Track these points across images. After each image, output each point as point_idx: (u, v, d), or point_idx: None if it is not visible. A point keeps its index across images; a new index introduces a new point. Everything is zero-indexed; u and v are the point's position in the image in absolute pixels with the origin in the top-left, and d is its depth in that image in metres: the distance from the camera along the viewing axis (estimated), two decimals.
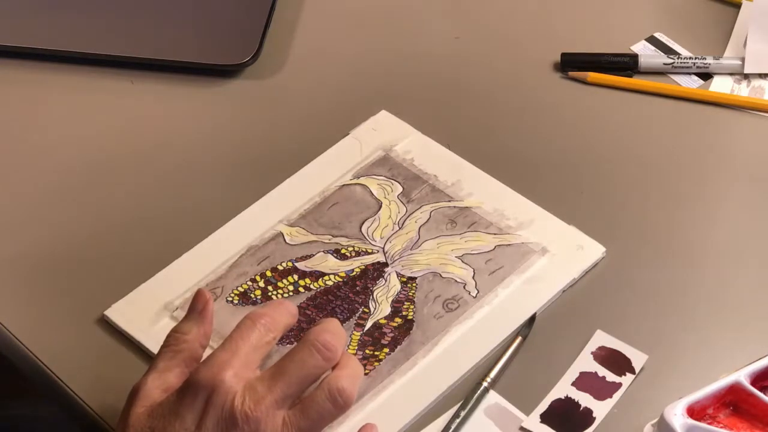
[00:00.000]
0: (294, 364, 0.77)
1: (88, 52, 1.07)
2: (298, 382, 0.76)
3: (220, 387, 0.75)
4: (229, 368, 0.75)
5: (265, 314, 0.79)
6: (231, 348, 0.77)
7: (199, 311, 0.81)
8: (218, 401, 0.75)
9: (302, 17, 1.13)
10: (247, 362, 0.76)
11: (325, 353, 0.77)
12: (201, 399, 0.75)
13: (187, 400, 0.75)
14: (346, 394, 0.77)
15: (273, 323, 0.79)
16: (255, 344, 0.78)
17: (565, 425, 0.84)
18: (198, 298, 0.81)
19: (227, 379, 0.75)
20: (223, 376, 0.75)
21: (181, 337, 0.79)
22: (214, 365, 0.76)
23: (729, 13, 1.12)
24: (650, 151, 1.02)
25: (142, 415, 0.76)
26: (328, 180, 0.99)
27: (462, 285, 0.92)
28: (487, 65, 1.09)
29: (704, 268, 0.94)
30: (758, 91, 1.06)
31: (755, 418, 0.83)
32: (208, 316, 0.81)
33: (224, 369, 0.75)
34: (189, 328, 0.80)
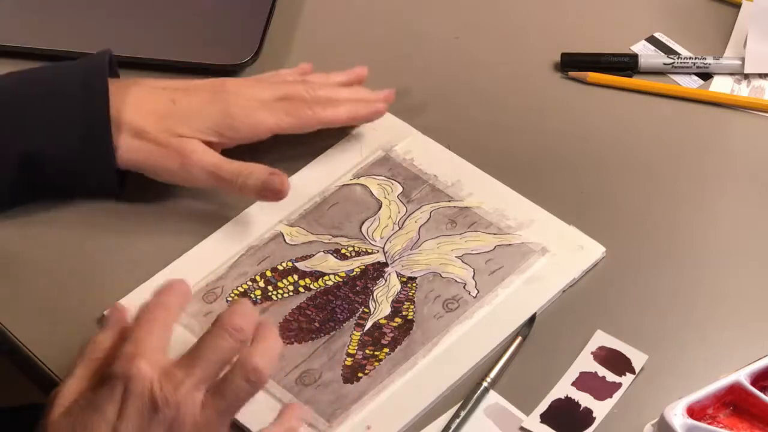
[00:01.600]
0: (208, 349, 0.78)
1: (88, 52, 1.07)
2: (213, 364, 0.78)
3: (137, 375, 0.76)
4: (141, 357, 0.77)
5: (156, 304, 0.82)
6: (135, 339, 0.79)
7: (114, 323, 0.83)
8: (136, 389, 0.76)
9: (302, 17, 1.13)
10: (155, 349, 0.78)
11: (236, 335, 0.79)
12: (118, 389, 0.76)
13: (105, 392, 0.76)
14: (258, 371, 0.78)
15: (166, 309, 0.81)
16: (157, 332, 0.79)
17: (565, 425, 0.84)
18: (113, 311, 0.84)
19: (142, 366, 0.77)
20: (137, 364, 0.77)
21: (96, 346, 0.81)
22: (124, 357, 0.77)
23: (729, 13, 1.12)
24: (650, 151, 1.02)
25: (60, 416, 0.77)
26: (328, 180, 0.99)
27: (462, 285, 0.92)
28: (487, 65, 1.09)
29: (704, 268, 0.94)
30: (758, 91, 1.06)
31: (755, 418, 0.83)
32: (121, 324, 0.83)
33: (136, 358, 0.77)
34: (105, 337, 0.82)
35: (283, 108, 0.96)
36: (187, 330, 0.89)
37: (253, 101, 0.96)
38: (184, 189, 0.99)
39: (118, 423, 0.76)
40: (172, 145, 0.93)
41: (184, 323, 0.90)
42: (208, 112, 0.95)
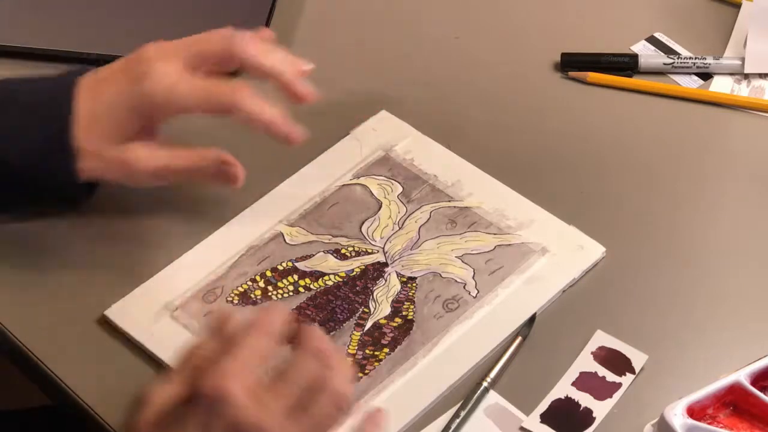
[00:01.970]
0: (295, 373, 0.77)
1: (88, 52, 1.07)
2: (300, 389, 0.77)
3: (226, 397, 0.75)
4: (234, 377, 0.76)
5: (270, 322, 0.80)
6: (235, 355, 0.77)
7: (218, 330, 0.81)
8: (223, 411, 0.75)
9: (302, 17, 1.13)
10: (251, 370, 0.77)
11: (323, 360, 0.77)
12: (206, 409, 0.75)
13: (192, 410, 0.75)
14: (347, 398, 0.77)
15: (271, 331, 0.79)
16: (260, 352, 0.78)
17: (565, 425, 0.84)
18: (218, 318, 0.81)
19: (232, 388, 0.75)
20: (227, 386, 0.75)
21: (195, 352, 0.80)
22: (218, 374, 0.76)
23: (729, 13, 1.12)
24: (650, 151, 1.02)
25: (150, 423, 0.76)
26: (328, 180, 0.99)
27: (462, 285, 0.92)
28: (487, 65, 1.09)
29: (704, 268, 0.94)
30: (758, 91, 1.06)
31: (755, 418, 0.83)
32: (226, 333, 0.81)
33: (229, 378, 0.75)
34: (205, 345, 0.80)
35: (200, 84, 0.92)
36: (187, 330, 0.89)
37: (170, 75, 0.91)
38: (184, 189, 0.99)
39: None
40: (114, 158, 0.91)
41: (185, 323, 0.90)
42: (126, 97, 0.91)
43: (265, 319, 0.79)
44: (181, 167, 0.92)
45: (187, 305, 0.91)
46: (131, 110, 0.91)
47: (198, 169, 0.93)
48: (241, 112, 0.91)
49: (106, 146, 0.91)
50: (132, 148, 0.92)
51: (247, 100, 0.91)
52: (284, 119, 0.92)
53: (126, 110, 0.91)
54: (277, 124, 0.92)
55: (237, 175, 0.92)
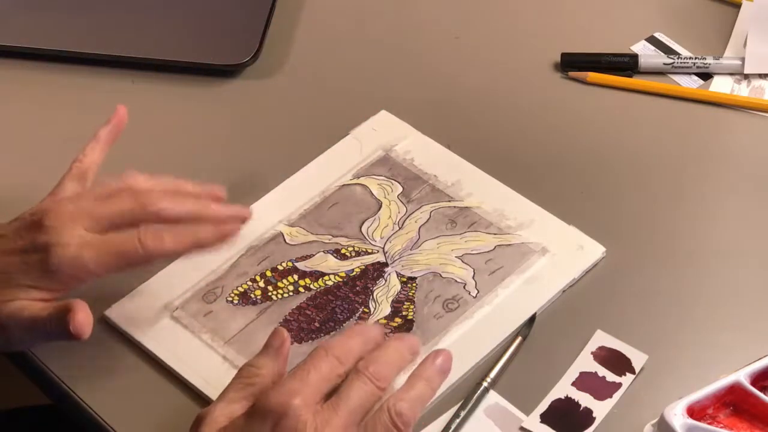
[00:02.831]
0: (353, 392, 0.77)
1: (88, 52, 1.07)
2: (359, 408, 0.77)
3: (289, 413, 0.75)
4: (299, 395, 0.76)
5: (338, 345, 0.80)
6: (301, 376, 0.77)
7: (276, 348, 0.81)
8: (288, 426, 0.75)
9: (302, 17, 1.13)
10: (316, 392, 0.77)
11: (376, 382, 0.78)
12: (269, 423, 0.75)
13: (256, 423, 0.75)
14: (403, 417, 0.78)
15: (346, 355, 0.80)
16: (326, 375, 0.78)
17: (565, 425, 0.84)
18: (276, 335, 0.82)
19: (296, 405, 0.75)
20: (292, 403, 0.75)
21: (254, 371, 0.79)
22: (283, 392, 0.76)
23: (729, 13, 1.12)
24: (650, 151, 1.02)
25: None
26: (328, 180, 0.99)
27: (462, 285, 0.92)
28: (487, 65, 1.09)
29: (704, 268, 0.94)
30: (758, 91, 1.06)
31: (755, 418, 0.83)
32: (284, 355, 0.81)
33: (294, 396, 0.75)
34: (264, 363, 0.80)
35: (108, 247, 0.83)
36: (187, 330, 0.89)
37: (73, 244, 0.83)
38: None
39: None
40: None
41: (184, 323, 0.90)
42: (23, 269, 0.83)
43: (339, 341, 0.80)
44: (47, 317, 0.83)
45: (187, 305, 0.91)
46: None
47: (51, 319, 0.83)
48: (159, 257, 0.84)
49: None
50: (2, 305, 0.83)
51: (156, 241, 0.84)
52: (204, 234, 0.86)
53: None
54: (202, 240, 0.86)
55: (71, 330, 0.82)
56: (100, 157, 0.91)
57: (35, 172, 1.01)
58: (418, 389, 0.80)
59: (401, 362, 0.81)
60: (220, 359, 0.88)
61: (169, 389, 0.87)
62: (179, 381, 0.87)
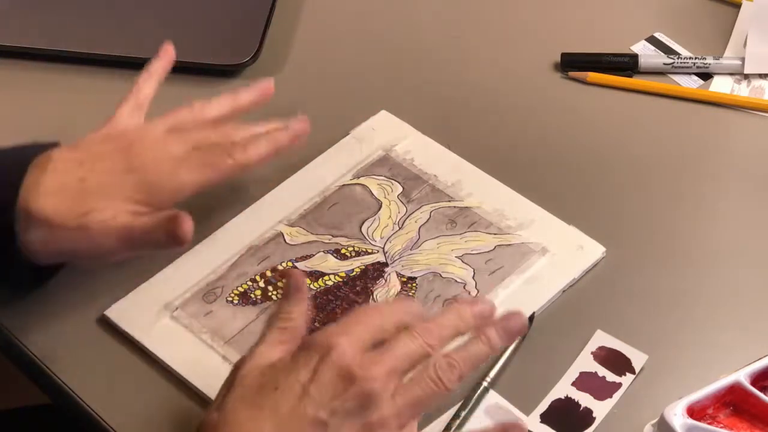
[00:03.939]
0: (400, 344, 0.78)
1: (88, 52, 1.07)
2: (405, 357, 0.77)
3: (337, 347, 0.76)
4: (345, 335, 0.77)
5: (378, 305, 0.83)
6: (345, 322, 0.78)
7: (297, 290, 0.82)
8: (335, 359, 0.76)
9: (302, 17, 1.13)
10: (360, 337, 0.78)
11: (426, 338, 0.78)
12: (316, 356, 0.76)
13: (302, 358, 0.76)
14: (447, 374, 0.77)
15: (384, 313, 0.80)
16: (367, 326, 0.78)
17: (565, 425, 0.84)
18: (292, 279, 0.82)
19: (343, 342, 0.76)
20: (339, 339, 0.76)
21: (285, 316, 0.81)
22: (330, 331, 0.77)
23: (729, 13, 1.12)
24: (650, 151, 1.02)
25: (251, 373, 0.77)
26: (328, 180, 0.99)
27: (462, 285, 0.92)
28: (486, 65, 1.09)
29: (704, 268, 0.94)
30: (758, 91, 1.06)
31: (755, 418, 0.83)
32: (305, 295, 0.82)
33: (340, 335, 0.77)
34: (291, 308, 0.81)
35: (201, 161, 0.89)
36: (187, 330, 0.89)
37: (168, 162, 0.88)
38: None
39: (310, 384, 0.75)
40: (79, 226, 0.85)
41: (184, 323, 0.90)
42: (121, 185, 0.87)
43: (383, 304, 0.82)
44: (146, 226, 0.85)
45: (187, 305, 0.91)
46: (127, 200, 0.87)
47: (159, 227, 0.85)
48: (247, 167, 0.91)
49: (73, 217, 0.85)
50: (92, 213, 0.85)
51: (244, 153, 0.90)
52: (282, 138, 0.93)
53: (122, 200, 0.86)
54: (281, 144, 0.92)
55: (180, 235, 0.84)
56: (153, 90, 0.94)
57: None
58: (473, 349, 0.79)
59: (460, 325, 0.80)
60: (220, 359, 0.88)
61: (169, 389, 0.87)
62: (179, 381, 0.87)
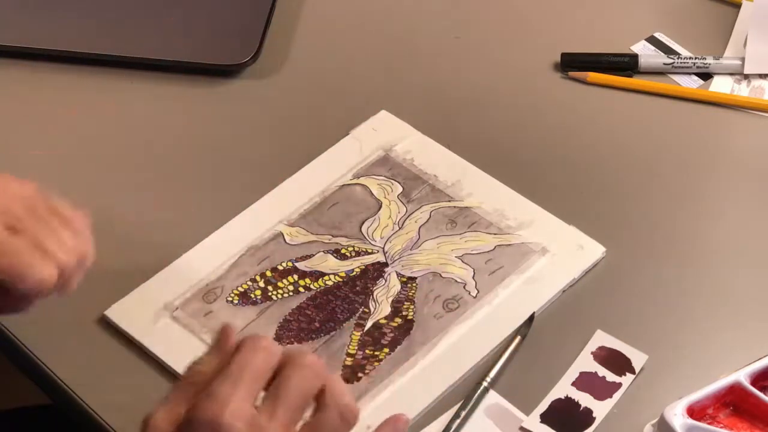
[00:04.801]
0: (289, 388, 0.75)
1: (88, 52, 1.07)
2: (297, 404, 0.75)
3: (220, 429, 0.73)
4: (229, 404, 0.73)
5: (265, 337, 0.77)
6: (232, 378, 0.75)
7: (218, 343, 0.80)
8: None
9: (302, 17, 1.13)
10: (248, 393, 0.74)
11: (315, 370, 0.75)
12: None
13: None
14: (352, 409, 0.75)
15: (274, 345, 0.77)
16: (258, 371, 0.75)
17: (565, 425, 0.84)
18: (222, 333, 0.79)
19: (227, 419, 0.73)
20: (223, 416, 0.73)
21: (195, 368, 0.78)
22: (214, 402, 0.73)
23: (729, 13, 1.12)
24: (650, 151, 1.02)
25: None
26: (328, 180, 0.99)
27: (462, 285, 0.92)
28: (487, 65, 1.09)
29: (704, 268, 0.94)
30: (758, 91, 1.06)
31: (755, 418, 0.83)
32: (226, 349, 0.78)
33: (225, 405, 0.73)
34: (205, 360, 0.78)
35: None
36: (186, 330, 0.89)
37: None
38: (184, 188, 0.99)
39: None
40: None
41: (184, 323, 0.90)
42: None
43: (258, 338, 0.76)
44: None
45: (187, 305, 0.91)
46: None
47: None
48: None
49: None
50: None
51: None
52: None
53: None
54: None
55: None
56: None
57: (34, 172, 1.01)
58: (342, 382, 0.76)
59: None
60: None
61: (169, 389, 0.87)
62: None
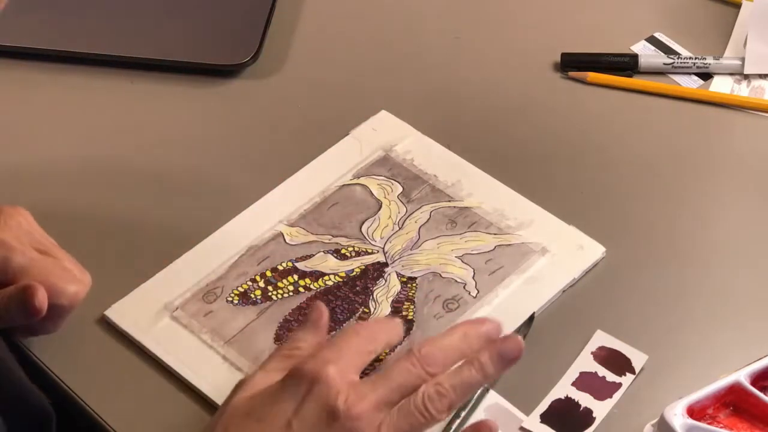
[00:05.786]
0: (396, 372, 0.77)
1: (88, 52, 1.07)
2: (399, 388, 0.77)
3: (325, 380, 0.75)
4: (334, 364, 0.76)
5: (367, 326, 0.81)
6: (336, 347, 0.78)
7: (315, 321, 0.82)
8: (320, 392, 0.75)
9: (302, 17, 1.13)
10: (350, 364, 0.77)
11: (426, 367, 0.77)
12: (303, 388, 0.75)
13: (289, 388, 0.76)
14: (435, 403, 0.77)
15: (374, 336, 0.80)
16: (358, 350, 0.78)
17: (565, 425, 0.84)
18: (315, 309, 0.83)
19: (332, 373, 0.76)
20: (328, 370, 0.76)
21: (294, 344, 0.80)
22: (319, 359, 0.76)
23: (729, 13, 1.12)
24: (650, 151, 1.02)
25: (243, 399, 0.77)
26: (328, 180, 0.99)
27: (462, 285, 0.92)
28: (487, 65, 1.09)
29: (704, 268, 0.94)
30: (758, 91, 1.06)
31: (755, 418, 0.83)
32: (323, 327, 0.82)
33: (329, 364, 0.76)
34: (303, 336, 0.81)
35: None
36: (187, 330, 0.89)
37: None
38: (183, 189, 0.99)
39: (293, 418, 0.74)
40: None
41: (184, 323, 0.90)
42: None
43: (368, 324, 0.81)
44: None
45: (187, 305, 0.91)
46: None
47: (12, 299, 0.82)
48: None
49: None
50: None
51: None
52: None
53: None
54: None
55: (36, 305, 0.82)
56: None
57: (34, 172, 1.01)
58: (465, 375, 0.78)
59: (465, 349, 0.79)
60: (220, 359, 0.88)
61: (169, 389, 0.87)
62: (179, 381, 0.87)
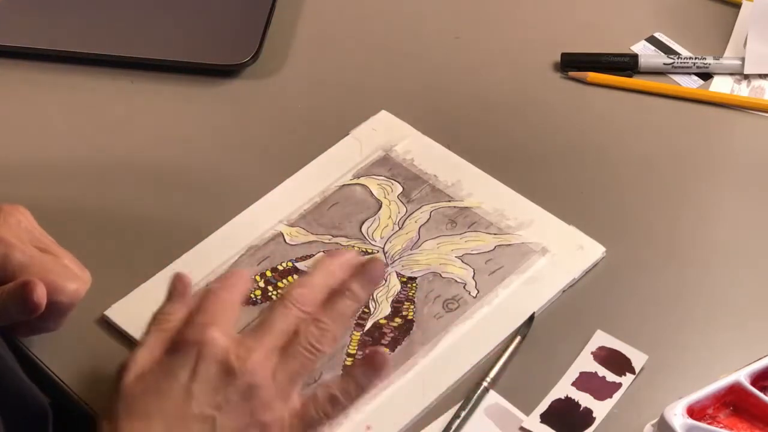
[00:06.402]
0: (274, 319, 0.78)
1: (88, 52, 1.07)
2: (281, 333, 0.78)
3: (210, 341, 0.76)
4: (214, 325, 0.77)
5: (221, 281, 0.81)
6: (208, 311, 0.78)
7: (180, 291, 0.82)
8: (210, 354, 0.76)
9: (302, 17, 1.13)
10: (226, 322, 0.78)
11: (299, 306, 0.79)
12: (192, 354, 0.76)
13: (178, 358, 0.76)
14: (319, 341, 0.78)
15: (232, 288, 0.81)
16: (224, 306, 0.79)
17: (565, 425, 0.84)
18: (177, 279, 0.83)
19: (216, 334, 0.77)
20: (211, 332, 0.77)
21: (166, 317, 0.81)
22: (197, 325, 0.77)
23: (729, 13, 1.12)
24: (650, 151, 1.02)
25: (134, 379, 0.77)
26: (328, 180, 0.99)
27: (462, 285, 0.92)
28: (487, 65, 1.09)
29: (704, 268, 0.94)
30: (758, 91, 1.06)
31: (755, 418, 0.83)
32: (188, 295, 0.82)
33: (208, 326, 0.77)
34: (173, 308, 0.81)
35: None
36: None
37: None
38: (183, 189, 0.99)
39: (192, 383, 0.75)
40: None
41: None
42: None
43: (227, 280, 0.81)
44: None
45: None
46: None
47: (11, 296, 0.83)
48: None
49: None
50: None
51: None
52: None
53: None
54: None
55: (35, 300, 0.83)
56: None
57: (34, 172, 1.01)
58: (339, 306, 0.79)
59: (331, 282, 0.80)
60: None
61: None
62: None
